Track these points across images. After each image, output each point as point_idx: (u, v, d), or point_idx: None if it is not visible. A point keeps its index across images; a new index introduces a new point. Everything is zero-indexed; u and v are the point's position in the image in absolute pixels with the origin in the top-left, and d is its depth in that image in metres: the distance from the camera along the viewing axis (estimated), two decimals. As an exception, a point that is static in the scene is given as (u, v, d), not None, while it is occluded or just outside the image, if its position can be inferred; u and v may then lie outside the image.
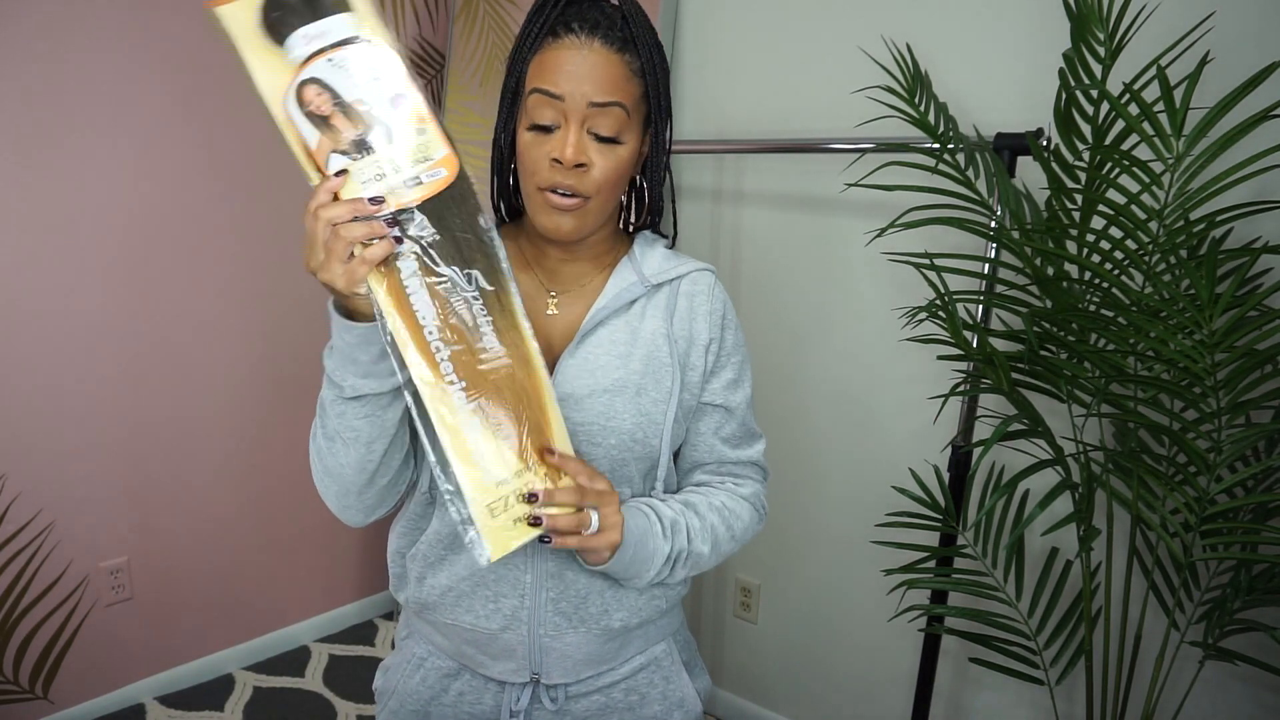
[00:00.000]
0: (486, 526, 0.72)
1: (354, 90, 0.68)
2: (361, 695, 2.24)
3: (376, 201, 0.68)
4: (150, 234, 1.99)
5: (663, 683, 0.95)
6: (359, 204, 0.67)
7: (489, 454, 0.72)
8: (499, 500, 0.72)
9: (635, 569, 0.82)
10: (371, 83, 0.68)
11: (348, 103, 0.67)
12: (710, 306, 0.90)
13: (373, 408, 0.76)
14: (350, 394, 0.75)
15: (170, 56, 1.95)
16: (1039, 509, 1.20)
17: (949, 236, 1.66)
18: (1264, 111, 1.06)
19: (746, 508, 0.93)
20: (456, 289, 0.71)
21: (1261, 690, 1.47)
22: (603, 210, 0.82)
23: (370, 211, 0.67)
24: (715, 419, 0.92)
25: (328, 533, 2.48)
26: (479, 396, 0.72)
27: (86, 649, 2.04)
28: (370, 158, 0.68)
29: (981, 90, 1.63)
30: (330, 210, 0.67)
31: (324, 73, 0.67)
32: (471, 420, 0.72)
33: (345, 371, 0.75)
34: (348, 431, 0.77)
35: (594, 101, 0.77)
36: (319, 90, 0.67)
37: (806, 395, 1.97)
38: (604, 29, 0.78)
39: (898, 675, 1.93)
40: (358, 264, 0.67)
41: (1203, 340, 1.08)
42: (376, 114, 0.68)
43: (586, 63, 0.77)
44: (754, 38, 1.94)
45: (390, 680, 0.96)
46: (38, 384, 1.88)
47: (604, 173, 0.79)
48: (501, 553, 0.72)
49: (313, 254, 0.68)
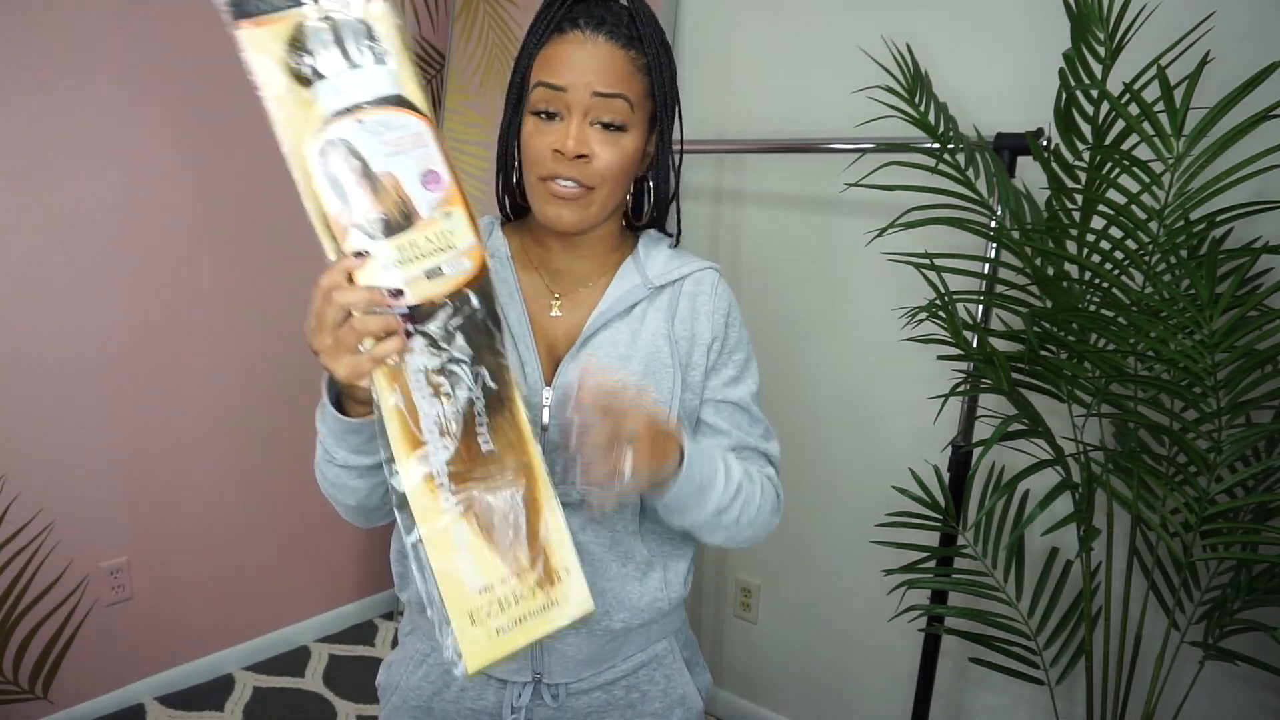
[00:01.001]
0: (465, 634, 0.66)
1: (384, 161, 0.63)
2: (361, 695, 2.24)
3: (396, 294, 0.63)
4: (150, 233, 1.99)
5: (664, 680, 0.95)
6: (377, 295, 0.63)
7: (474, 558, 0.67)
8: (481, 608, 0.67)
9: (692, 502, 0.79)
10: (403, 155, 0.64)
11: (376, 174, 0.63)
12: (713, 305, 0.89)
13: (366, 472, 0.76)
14: (341, 464, 0.75)
15: (166, 59, 1.95)
16: (1039, 509, 1.20)
17: (949, 236, 1.66)
18: (1264, 111, 1.06)
19: (768, 486, 0.89)
20: (460, 386, 0.67)
21: (1261, 690, 1.47)
22: (606, 203, 0.82)
23: (388, 304, 0.63)
24: (720, 413, 0.91)
25: (328, 533, 2.48)
26: (470, 499, 0.67)
27: (86, 649, 2.04)
28: (393, 240, 0.63)
29: (981, 90, 1.63)
30: (346, 295, 0.62)
31: (354, 136, 0.62)
32: (459, 523, 0.67)
33: (337, 446, 0.74)
34: (342, 485, 0.78)
35: (598, 91, 0.77)
36: (347, 155, 0.62)
37: (806, 395, 1.97)
38: (610, 25, 0.78)
39: (898, 675, 1.93)
40: (366, 360, 0.63)
41: (1203, 340, 1.08)
42: (405, 191, 0.64)
43: (590, 55, 0.77)
44: (754, 37, 1.94)
45: (393, 676, 0.96)
46: (38, 384, 1.88)
47: (607, 164, 0.79)
48: (479, 665, 0.66)
49: (319, 336, 0.64)
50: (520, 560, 0.69)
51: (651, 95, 0.82)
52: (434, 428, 0.66)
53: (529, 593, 0.70)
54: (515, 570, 0.69)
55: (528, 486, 0.70)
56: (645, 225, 0.94)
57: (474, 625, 0.67)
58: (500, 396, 0.69)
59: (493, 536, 0.68)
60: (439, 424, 0.66)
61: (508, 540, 0.69)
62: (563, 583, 0.71)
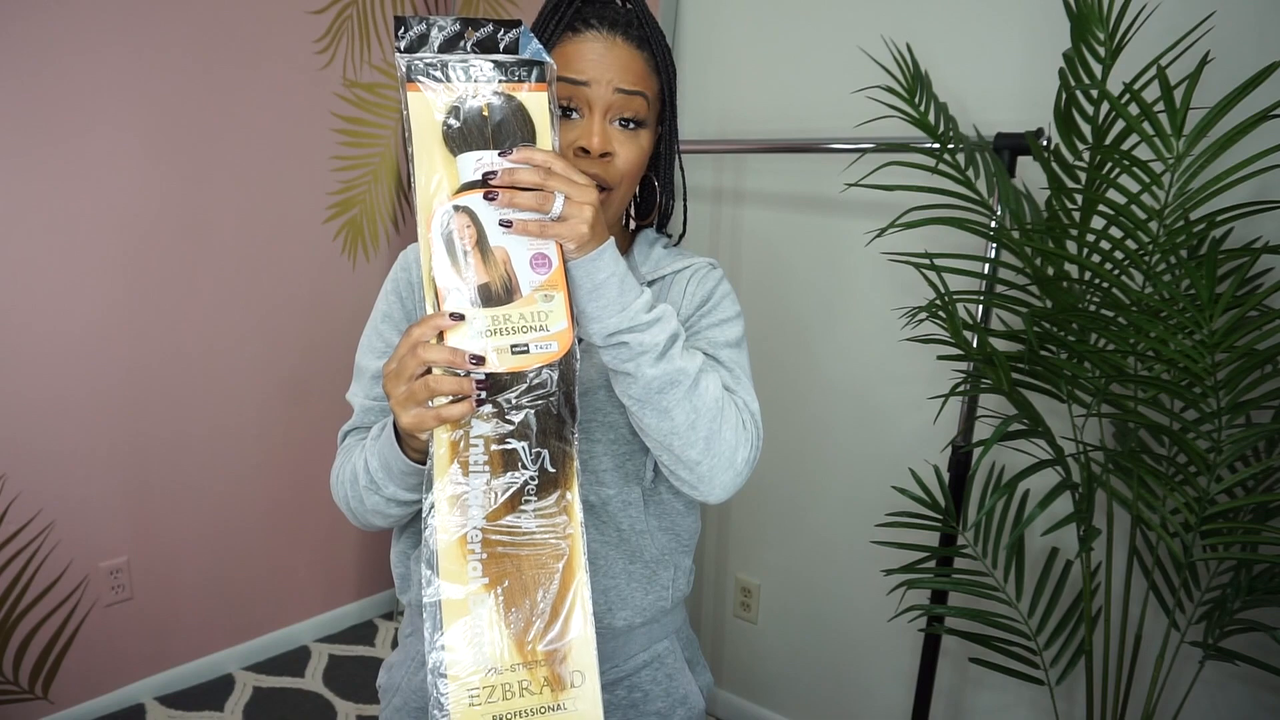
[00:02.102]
0: (459, 710, 0.66)
1: (500, 237, 0.67)
2: (361, 695, 2.24)
3: (477, 360, 0.66)
4: (150, 233, 1.99)
5: (665, 680, 0.95)
6: (459, 356, 0.66)
7: (486, 636, 0.67)
8: (483, 690, 0.66)
9: (610, 289, 0.71)
10: (519, 235, 0.67)
11: (490, 247, 0.67)
12: (697, 288, 0.88)
13: (408, 505, 0.81)
14: (389, 496, 0.79)
15: (176, 49, 1.95)
16: (1039, 509, 1.20)
17: (949, 236, 1.66)
18: (1264, 111, 1.06)
19: (732, 401, 0.80)
20: (517, 461, 0.68)
21: (1261, 690, 1.47)
22: (622, 201, 0.83)
23: (467, 368, 0.66)
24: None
25: (328, 533, 2.48)
26: (498, 575, 0.67)
27: (86, 649, 2.04)
28: (489, 310, 0.67)
29: (981, 90, 1.63)
30: (430, 353, 0.65)
31: (479, 207, 0.67)
32: (480, 596, 0.67)
33: (387, 481, 0.78)
34: (379, 512, 0.82)
35: (620, 88, 0.78)
36: (468, 223, 0.66)
37: (806, 395, 1.97)
38: (623, 25, 0.79)
39: (898, 675, 1.93)
40: (431, 415, 0.66)
41: (1203, 340, 1.08)
42: (513, 268, 0.67)
43: (611, 54, 0.78)
44: (754, 37, 1.94)
45: (394, 678, 0.96)
46: (37, 384, 1.88)
47: (627, 162, 0.80)
48: None
49: (394, 381, 0.67)
50: (534, 653, 0.68)
51: (661, 95, 0.84)
52: (479, 496, 0.67)
53: (535, 689, 0.68)
54: (526, 661, 0.68)
55: (562, 579, 0.69)
56: (645, 224, 0.94)
57: (470, 706, 0.66)
58: (556, 481, 0.69)
59: (514, 621, 0.67)
60: (485, 493, 0.67)
61: (526, 627, 0.68)
62: (575, 689, 0.69)
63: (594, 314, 0.71)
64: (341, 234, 2.34)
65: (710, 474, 0.76)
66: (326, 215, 2.29)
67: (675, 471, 0.78)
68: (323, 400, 2.39)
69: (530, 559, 0.68)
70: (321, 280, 2.32)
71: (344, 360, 2.41)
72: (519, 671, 0.67)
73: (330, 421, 2.42)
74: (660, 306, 0.75)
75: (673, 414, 0.74)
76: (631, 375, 0.73)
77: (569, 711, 0.69)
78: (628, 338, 0.72)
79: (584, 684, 0.69)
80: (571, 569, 0.69)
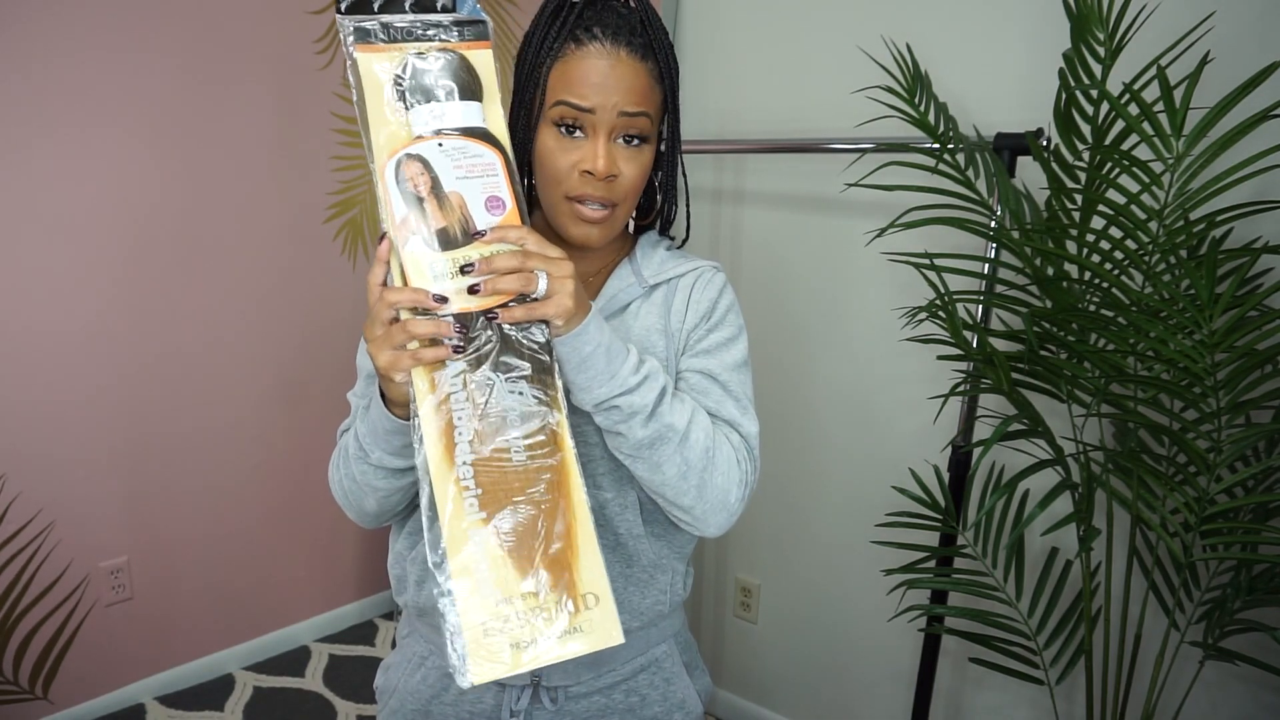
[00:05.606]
0: (476, 645, 0.66)
1: (454, 182, 0.69)
2: (361, 695, 2.24)
3: (440, 299, 0.67)
4: (150, 234, 1.99)
5: (663, 684, 0.95)
6: (421, 294, 0.66)
7: (494, 570, 0.67)
8: (496, 621, 0.66)
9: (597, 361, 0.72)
10: (472, 180, 0.69)
11: (444, 193, 0.68)
12: (701, 295, 0.88)
13: (395, 474, 0.80)
14: (375, 463, 0.79)
15: (175, 49, 1.95)
16: (1039, 509, 1.20)
17: (949, 236, 1.66)
18: (1264, 111, 1.06)
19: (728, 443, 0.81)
20: (500, 395, 0.69)
21: (1261, 690, 1.47)
22: (627, 215, 0.84)
23: (432, 308, 0.67)
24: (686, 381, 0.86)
25: (328, 533, 2.48)
26: (497, 509, 0.68)
27: (86, 649, 2.04)
28: (448, 252, 0.68)
29: (981, 90, 1.63)
30: (392, 294, 0.66)
31: (431, 154, 0.69)
32: (483, 532, 0.67)
33: (374, 445, 0.78)
34: (368, 484, 0.81)
35: (625, 111, 0.77)
36: (421, 170, 0.69)
37: (806, 395, 1.97)
38: (627, 35, 0.77)
39: (898, 675, 1.93)
40: (408, 357, 0.66)
41: (1203, 340, 1.08)
42: (470, 211, 0.69)
43: (615, 73, 0.76)
44: (754, 38, 1.94)
45: (391, 679, 0.96)
46: (38, 384, 1.88)
47: (631, 180, 0.80)
48: (483, 678, 0.65)
49: (370, 326, 0.68)
50: (544, 579, 0.68)
51: (664, 104, 0.83)
52: (467, 435, 0.68)
53: (549, 614, 0.68)
54: (537, 588, 0.68)
55: (564, 506, 0.70)
56: (645, 226, 0.94)
57: (486, 637, 0.66)
58: (541, 414, 0.70)
59: (517, 550, 0.68)
60: (473, 432, 0.68)
61: (533, 556, 0.68)
62: (590, 610, 0.69)
63: (583, 385, 0.73)
64: (341, 234, 2.34)
65: (704, 516, 0.80)
66: (326, 215, 2.29)
67: (670, 512, 0.82)
68: (323, 400, 2.39)
69: (528, 491, 0.69)
70: (321, 280, 2.32)
71: (344, 360, 2.41)
72: (530, 600, 0.67)
73: (330, 422, 2.42)
74: (647, 363, 0.76)
75: (664, 468, 0.76)
76: (623, 435, 0.75)
77: (587, 631, 0.68)
78: (619, 402, 0.74)
79: (600, 604, 0.69)
80: (570, 493, 0.70)
